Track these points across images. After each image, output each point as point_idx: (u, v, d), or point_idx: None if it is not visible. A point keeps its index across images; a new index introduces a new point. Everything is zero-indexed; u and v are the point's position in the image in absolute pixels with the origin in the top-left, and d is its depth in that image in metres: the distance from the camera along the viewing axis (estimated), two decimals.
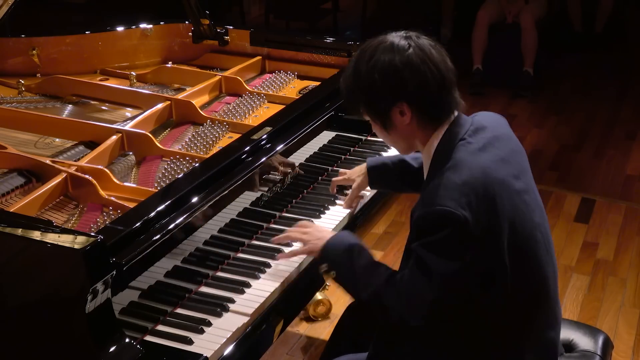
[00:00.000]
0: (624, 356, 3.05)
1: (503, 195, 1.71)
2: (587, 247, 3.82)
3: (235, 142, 2.24)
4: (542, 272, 1.82)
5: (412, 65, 1.74)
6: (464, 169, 1.71)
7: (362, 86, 1.79)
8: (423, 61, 1.74)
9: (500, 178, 1.73)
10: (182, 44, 3.14)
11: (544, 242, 1.82)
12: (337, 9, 7.14)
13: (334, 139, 2.63)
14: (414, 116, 1.78)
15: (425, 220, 1.71)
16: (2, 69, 2.91)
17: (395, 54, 1.74)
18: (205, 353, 1.73)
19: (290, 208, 2.33)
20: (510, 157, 1.80)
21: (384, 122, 1.82)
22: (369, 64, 1.77)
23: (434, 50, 1.78)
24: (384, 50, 1.76)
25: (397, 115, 1.78)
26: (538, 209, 1.84)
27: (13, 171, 2.16)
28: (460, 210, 1.65)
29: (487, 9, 5.89)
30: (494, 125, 1.86)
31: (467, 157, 1.74)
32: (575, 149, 4.97)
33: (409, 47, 1.75)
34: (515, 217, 1.73)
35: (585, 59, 6.46)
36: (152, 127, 2.50)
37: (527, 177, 1.84)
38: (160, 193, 1.98)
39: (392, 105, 1.77)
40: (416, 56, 1.74)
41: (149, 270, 1.82)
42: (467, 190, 1.67)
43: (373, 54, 1.77)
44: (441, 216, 1.66)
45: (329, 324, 3.18)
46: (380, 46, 1.77)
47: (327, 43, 2.97)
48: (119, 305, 1.73)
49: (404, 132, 1.82)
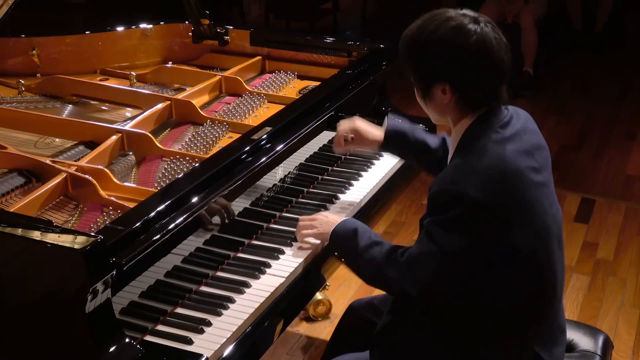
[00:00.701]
0: (624, 356, 3.05)
1: (523, 185, 1.74)
2: (587, 247, 3.82)
3: (235, 142, 2.24)
4: (552, 267, 1.83)
5: (469, 54, 1.74)
6: (487, 156, 1.74)
7: (417, 53, 1.81)
8: (482, 52, 1.75)
9: (520, 168, 1.75)
10: (182, 44, 3.14)
11: (558, 237, 1.86)
12: (337, 9, 7.14)
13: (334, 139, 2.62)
14: (453, 98, 1.80)
15: (439, 197, 1.75)
16: (2, 69, 2.91)
17: (459, 36, 1.74)
18: (205, 353, 1.72)
19: (290, 208, 2.33)
20: (534, 151, 1.82)
21: (425, 92, 1.85)
22: (432, 35, 1.77)
23: (496, 43, 1.76)
24: (451, 29, 1.75)
25: (439, 92, 1.81)
26: (555, 204, 1.87)
27: (13, 171, 2.16)
28: (474, 192, 1.68)
29: (487, 9, 5.88)
30: (523, 120, 1.88)
31: (492, 145, 1.76)
32: (575, 149, 4.97)
33: (474, 34, 1.74)
34: (533, 208, 1.76)
35: (585, 59, 6.46)
36: (152, 127, 2.50)
37: (547, 173, 1.87)
38: (160, 193, 1.98)
39: (437, 82, 1.80)
40: (477, 45, 1.74)
41: (149, 270, 1.82)
42: (484, 174, 1.71)
43: (439, 27, 1.77)
44: (455, 196, 1.71)
45: (329, 324, 3.18)
46: (449, 22, 1.76)
47: (327, 43, 2.97)
48: (119, 305, 1.73)
49: (440, 107, 1.85)
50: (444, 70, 1.78)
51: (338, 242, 2.02)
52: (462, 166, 1.75)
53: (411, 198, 4.17)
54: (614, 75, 6.16)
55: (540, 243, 1.78)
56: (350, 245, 1.96)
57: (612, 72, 6.21)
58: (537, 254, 1.78)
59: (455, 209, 1.71)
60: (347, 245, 1.98)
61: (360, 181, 2.52)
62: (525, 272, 1.78)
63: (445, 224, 1.74)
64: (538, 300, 1.83)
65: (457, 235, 1.72)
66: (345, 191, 2.44)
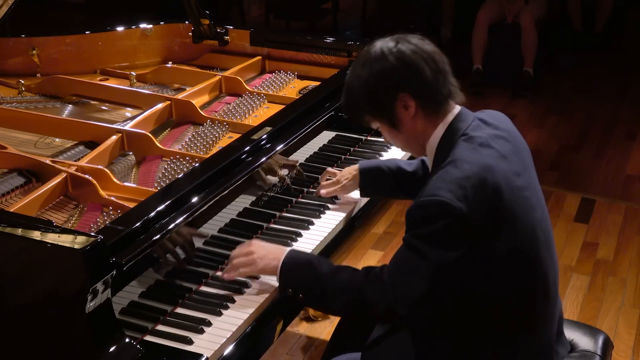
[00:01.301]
0: (624, 356, 3.05)
1: (502, 191, 1.72)
2: (587, 247, 3.82)
3: (235, 142, 2.24)
4: (542, 269, 1.81)
5: (404, 58, 1.79)
6: (463, 163, 1.73)
7: (362, 92, 1.84)
8: (414, 51, 1.79)
9: (500, 174, 1.73)
10: (182, 44, 3.14)
11: (545, 240, 1.82)
12: (337, 9, 7.14)
13: (334, 139, 2.63)
14: (417, 106, 1.81)
15: (421, 209, 1.72)
16: (2, 69, 2.91)
17: (387, 55, 1.79)
18: (205, 353, 1.72)
19: (290, 208, 2.33)
20: (512, 154, 1.81)
21: (392, 121, 1.84)
22: (364, 71, 1.82)
23: (422, 42, 1.83)
24: (375, 57, 1.81)
25: (402, 109, 1.81)
26: (540, 206, 1.84)
27: (13, 171, 2.16)
28: (456, 202, 1.66)
29: (487, 9, 5.89)
30: (497, 123, 1.87)
31: (468, 153, 1.75)
32: (575, 149, 4.97)
33: (397, 44, 1.81)
34: (515, 213, 1.74)
35: (585, 59, 6.46)
36: (152, 127, 2.50)
37: (529, 174, 1.85)
38: (160, 193, 1.98)
39: (395, 100, 1.80)
40: (406, 48, 1.80)
41: (149, 270, 1.82)
42: (464, 183, 1.69)
43: (365, 63, 1.83)
44: (437, 207, 1.68)
45: (329, 323, 3.18)
46: (370, 54, 1.83)
47: (327, 43, 2.97)
48: (119, 305, 1.73)
49: (412, 127, 1.84)
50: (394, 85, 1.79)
51: (292, 277, 1.88)
52: (442, 177, 1.72)
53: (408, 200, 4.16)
54: (614, 75, 6.16)
55: (525, 247, 1.76)
56: (310, 278, 1.85)
57: (612, 72, 6.21)
58: (524, 258, 1.76)
59: (439, 220, 1.68)
60: (306, 278, 1.86)
61: None
62: (513, 277, 1.76)
63: (429, 237, 1.70)
64: (529, 304, 1.81)
65: (442, 248, 1.69)
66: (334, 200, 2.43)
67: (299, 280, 1.88)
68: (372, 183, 2.30)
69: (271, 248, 1.96)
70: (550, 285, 1.84)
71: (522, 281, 1.78)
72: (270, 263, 1.90)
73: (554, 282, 1.87)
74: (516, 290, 1.78)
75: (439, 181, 1.71)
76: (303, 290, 1.87)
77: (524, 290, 1.79)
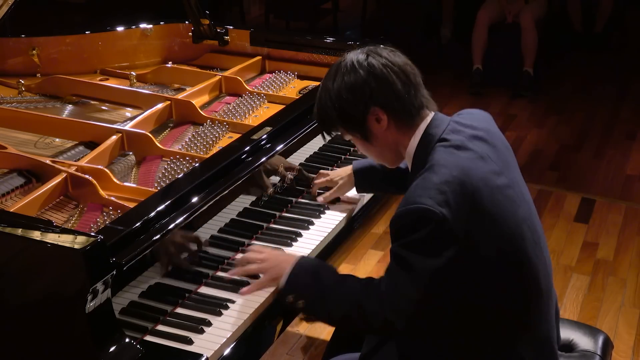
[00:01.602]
0: (624, 356, 3.05)
1: (483, 192, 1.72)
2: (587, 247, 3.82)
3: (235, 142, 2.24)
4: (532, 267, 1.80)
5: (374, 71, 1.80)
6: (441, 168, 1.73)
7: (333, 106, 1.84)
8: (384, 65, 1.81)
9: (479, 175, 1.73)
10: (182, 44, 3.14)
11: (532, 237, 1.81)
12: (337, 9, 7.14)
13: (334, 139, 2.62)
14: (389, 119, 1.82)
15: (403, 218, 1.71)
16: (2, 69, 2.91)
17: (358, 68, 1.81)
18: (205, 353, 1.73)
19: (290, 208, 2.33)
20: (491, 153, 1.80)
21: (364, 134, 1.85)
22: (335, 85, 1.83)
23: (393, 54, 1.84)
24: (346, 69, 1.83)
25: (374, 122, 1.83)
26: (524, 204, 1.83)
27: (13, 171, 2.16)
28: (438, 208, 1.66)
29: (487, 9, 5.89)
30: (475, 123, 1.87)
31: (445, 157, 1.75)
32: (575, 149, 4.97)
33: (368, 57, 1.82)
34: (497, 213, 1.73)
35: (585, 59, 6.46)
36: (152, 127, 2.50)
37: (511, 172, 1.84)
38: (160, 193, 1.98)
39: (366, 113, 1.81)
40: (377, 62, 1.81)
41: (149, 270, 1.82)
42: (444, 188, 1.68)
43: (335, 75, 1.84)
44: (419, 214, 1.67)
45: None
46: (341, 67, 1.84)
47: (327, 43, 2.97)
48: (119, 305, 1.73)
49: (385, 139, 1.86)
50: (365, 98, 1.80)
51: (297, 285, 1.87)
52: (421, 184, 1.72)
53: None
54: (614, 75, 6.16)
55: (511, 246, 1.75)
56: (314, 287, 1.85)
57: (612, 72, 6.21)
58: (510, 257, 1.75)
59: (423, 228, 1.67)
60: (310, 288, 1.85)
61: None
62: (501, 276, 1.75)
63: (416, 245, 1.70)
64: (522, 303, 1.80)
65: (428, 255, 1.69)
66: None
67: (303, 288, 1.86)
68: (366, 181, 2.30)
69: (282, 256, 1.96)
70: (542, 281, 1.83)
71: (511, 280, 1.77)
72: (280, 272, 1.88)
73: (545, 278, 1.85)
74: (507, 289, 1.77)
75: (419, 188, 1.71)
76: (304, 298, 1.86)
77: (514, 289, 1.79)
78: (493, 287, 1.76)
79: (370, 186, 2.34)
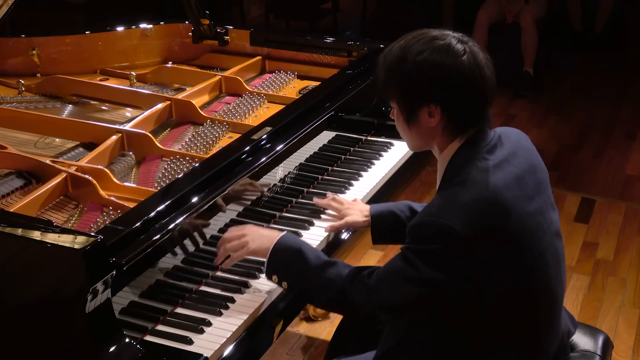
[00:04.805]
0: (624, 356, 3.05)
1: (511, 218, 1.66)
2: (587, 247, 3.82)
3: (235, 142, 2.24)
4: (551, 292, 1.78)
5: (461, 73, 1.67)
6: (474, 186, 1.66)
7: (404, 76, 1.70)
8: (473, 71, 1.68)
9: (511, 199, 1.66)
10: (182, 44, 3.14)
11: (554, 263, 1.77)
12: (337, 9, 7.14)
13: (334, 139, 2.63)
14: (442, 121, 1.72)
15: (424, 229, 1.67)
16: (2, 69, 2.91)
17: (449, 56, 1.67)
18: (205, 353, 1.72)
19: (290, 208, 2.33)
20: (527, 174, 1.74)
21: (409, 117, 1.74)
22: (419, 56, 1.68)
23: (486, 63, 1.72)
24: (439, 49, 1.68)
25: (425, 114, 1.72)
26: (551, 229, 1.78)
27: (13, 173, 2.16)
28: (461, 228, 1.60)
29: (487, 9, 5.89)
30: (514, 141, 1.80)
31: (480, 175, 1.67)
32: (575, 149, 4.97)
33: (464, 54, 1.68)
34: (523, 240, 1.68)
35: (585, 59, 6.46)
36: (152, 127, 2.50)
37: (543, 195, 1.78)
38: (160, 193, 1.98)
39: (425, 104, 1.71)
40: (469, 64, 1.68)
41: (149, 270, 1.82)
42: (472, 208, 1.63)
43: (425, 47, 1.68)
44: (440, 229, 1.62)
45: (329, 323, 3.18)
46: (435, 42, 1.69)
47: (327, 43, 2.97)
48: (119, 305, 1.73)
49: (425, 132, 1.76)
50: (434, 92, 1.69)
51: (280, 263, 1.85)
52: (448, 198, 1.66)
53: (411, 197, 4.15)
54: (614, 75, 6.16)
55: (533, 274, 1.72)
56: (297, 268, 1.83)
57: (612, 72, 6.21)
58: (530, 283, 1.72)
59: (440, 242, 1.63)
60: (293, 268, 1.84)
61: (360, 181, 2.51)
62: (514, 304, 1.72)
63: (427, 255, 1.65)
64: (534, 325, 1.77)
65: (437, 268, 1.64)
66: (345, 191, 2.44)
67: (287, 267, 1.85)
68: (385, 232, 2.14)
69: (265, 231, 1.95)
70: (558, 304, 1.81)
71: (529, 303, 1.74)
72: (262, 245, 1.88)
73: (561, 300, 1.83)
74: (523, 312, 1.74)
75: (447, 202, 1.66)
76: (289, 278, 1.85)
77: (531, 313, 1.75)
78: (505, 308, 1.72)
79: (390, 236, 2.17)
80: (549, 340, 1.84)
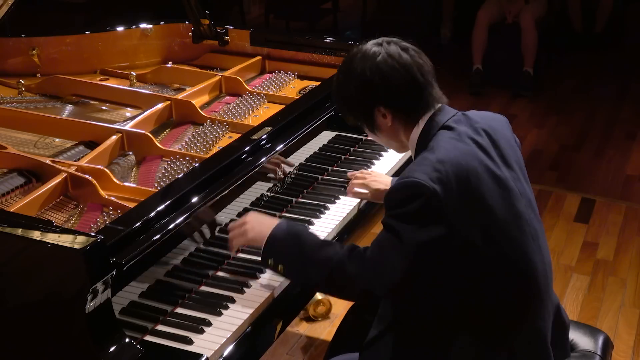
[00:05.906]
0: (624, 356, 3.05)
1: (479, 177, 1.74)
2: (587, 247, 3.82)
3: (235, 142, 2.24)
4: (528, 260, 1.80)
5: (380, 72, 1.82)
6: (441, 149, 1.76)
7: (343, 96, 1.92)
8: (391, 67, 1.82)
9: (478, 161, 1.76)
10: (182, 44, 3.14)
11: (530, 231, 1.82)
12: (337, 9, 7.14)
13: (334, 139, 2.63)
14: (395, 116, 1.86)
15: (397, 192, 1.75)
16: (2, 69, 2.91)
17: (366, 62, 1.84)
18: (205, 353, 1.73)
19: (290, 208, 2.33)
20: (494, 147, 1.83)
21: (371, 125, 1.91)
22: (346, 74, 1.89)
23: (404, 53, 1.85)
24: (358, 60, 1.86)
25: (380, 117, 1.87)
26: (525, 199, 1.85)
27: (13, 171, 2.16)
28: (430, 183, 1.69)
29: (487, 9, 5.89)
30: (483, 120, 1.89)
31: (446, 141, 1.79)
32: (575, 149, 4.97)
33: (379, 55, 1.84)
34: (493, 200, 1.75)
35: (585, 59, 6.46)
36: (152, 127, 2.50)
37: (513, 168, 1.85)
38: (160, 193, 1.98)
39: (372, 109, 1.87)
40: (384, 62, 1.83)
41: (149, 270, 1.82)
42: (440, 166, 1.72)
43: (349, 64, 1.88)
44: (412, 188, 1.70)
45: (329, 324, 3.18)
46: (356, 56, 1.87)
47: (327, 43, 2.97)
48: (119, 305, 1.73)
49: (390, 132, 1.90)
50: (370, 97, 1.85)
51: (277, 247, 1.90)
52: (418, 162, 1.76)
53: None
54: (614, 75, 6.16)
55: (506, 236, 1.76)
56: (295, 249, 1.88)
57: (612, 72, 6.21)
58: (504, 247, 1.77)
59: (415, 201, 1.70)
60: (290, 250, 1.88)
61: None
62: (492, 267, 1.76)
63: (406, 217, 1.72)
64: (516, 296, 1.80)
65: (417, 227, 1.71)
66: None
67: (283, 249, 1.90)
68: None
69: (264, 219, 1.98)
70: (540, 277, 1.83)
71: (506, 272, 1.78)
72: (261, 232, 1.92)
73: (543, 274, 1.84)
74: (499, 280, 1.78)
75: (416, 165, 1.75)
76: (285, 260, 1.89)
77: (509, 282, 1.79)
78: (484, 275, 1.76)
79: None
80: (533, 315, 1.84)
